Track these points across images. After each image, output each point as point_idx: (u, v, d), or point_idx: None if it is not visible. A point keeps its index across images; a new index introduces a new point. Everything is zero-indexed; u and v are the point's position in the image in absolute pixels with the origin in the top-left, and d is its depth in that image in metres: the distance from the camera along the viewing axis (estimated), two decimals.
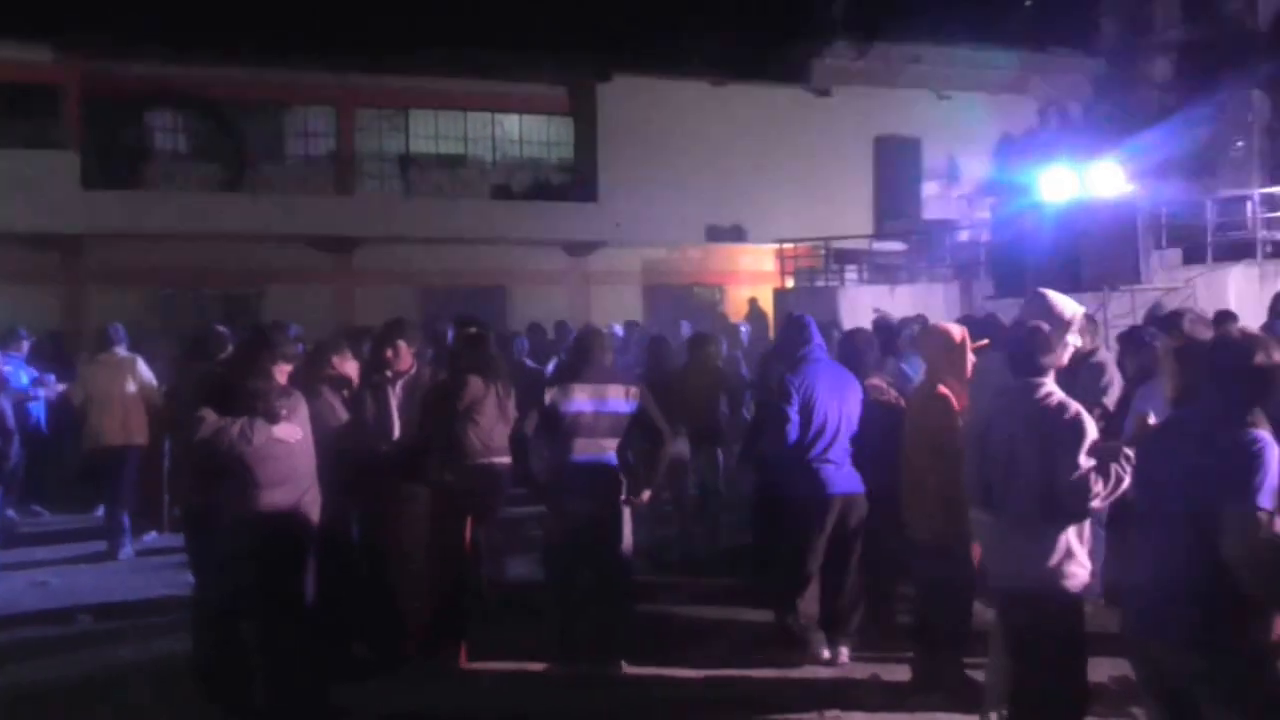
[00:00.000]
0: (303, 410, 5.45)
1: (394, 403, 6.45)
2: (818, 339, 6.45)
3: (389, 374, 6.52)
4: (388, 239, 20.60)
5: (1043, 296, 5.26)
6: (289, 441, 5.28)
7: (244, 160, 20.90)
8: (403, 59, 20.47)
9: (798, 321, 6.63)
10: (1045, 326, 4.59)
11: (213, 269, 19.79)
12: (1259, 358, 3.50)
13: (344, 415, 6.09)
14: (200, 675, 5.58)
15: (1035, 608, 4.30)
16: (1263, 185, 14.38)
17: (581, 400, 6.09)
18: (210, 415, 5.22)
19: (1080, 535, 4.33)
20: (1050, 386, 4.43)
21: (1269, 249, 13.46)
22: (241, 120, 21.00)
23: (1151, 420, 4.01)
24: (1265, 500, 3.30)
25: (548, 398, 6.10)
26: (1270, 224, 13.76)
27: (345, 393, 6.24)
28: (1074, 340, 5.17)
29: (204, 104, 20.63)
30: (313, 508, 5.40)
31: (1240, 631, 3.38)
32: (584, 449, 6.09)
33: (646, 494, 6.40)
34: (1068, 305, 5.16)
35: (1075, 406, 4.35)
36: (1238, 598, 3.33)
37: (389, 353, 6.55)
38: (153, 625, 7.09)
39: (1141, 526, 3.71)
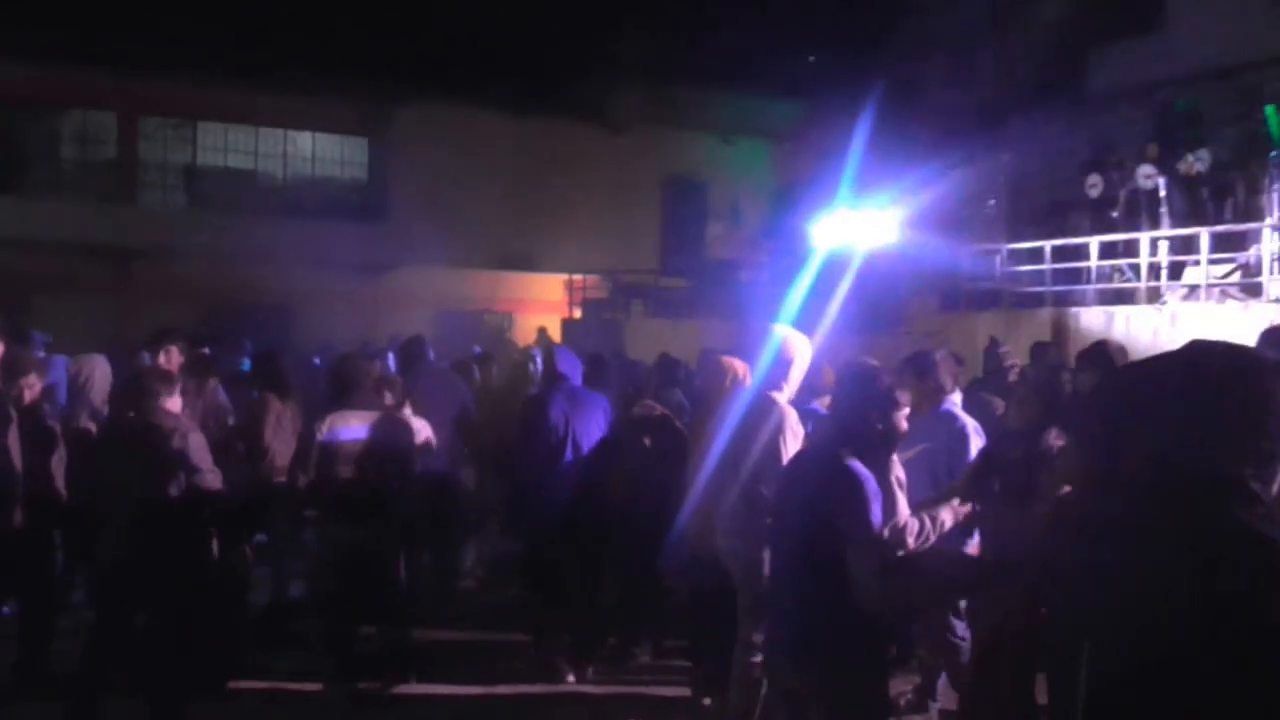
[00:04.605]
0: None
1: None
2: (564, 368, 6.76)
3: None
4: (170, 252, 19.99)
5: (714, 356, 5.81)
6: None
7: (15, 162, 19.91)
8: (193, 68, 19.96)
9: (546, 353, 7.25)
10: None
11: None
12: (875, 386, 3.77)
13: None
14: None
15: None
16: (1009, 241, 15.72)
17: (352, 427, 6.01)
18: None
19: None
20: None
21: (1013, 298, 14.77)
22: (13, 120, 20.02)
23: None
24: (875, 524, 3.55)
25: (319, 427, 6.00)
26: (1014, 276, 15.10)
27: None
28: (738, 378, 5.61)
29: None
30: None
31: (847, 648, 3.56)
32: (356, 473, 5.99)
33: None
34: (736, 365, 5.65)
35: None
36: (845, 616, 3.50)
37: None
38: None
39: (773, 548, 3.96)
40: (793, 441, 5.16)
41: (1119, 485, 1.94)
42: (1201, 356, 1.95)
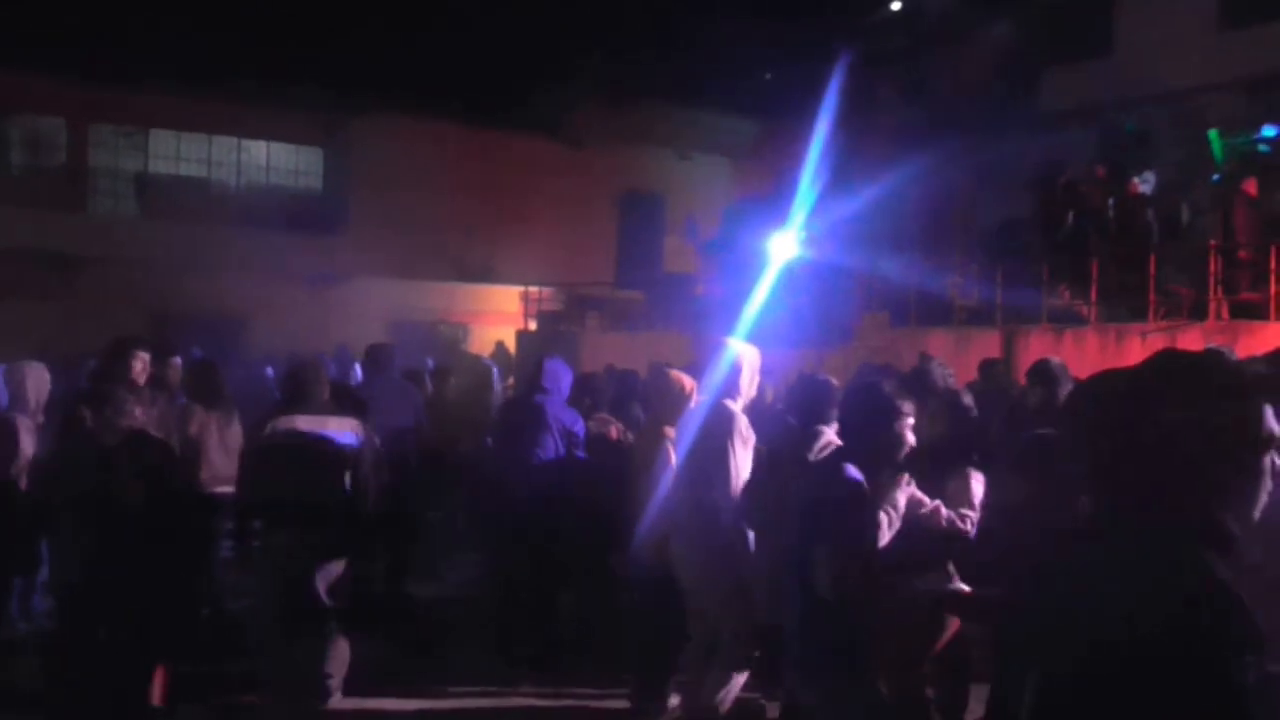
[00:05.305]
0: None
1: None
2: (546, 381, 6.69)
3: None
4: (120, 261, 19.73)
5: (662, 370, 5.96)
6: None
7: None
8: (146, 74, 19.71)
9: (535, 363, 7.11)
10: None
11: None
12: (879, 396, 3.83)
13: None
14: None
15: None
16: (960, 258, 15.89)
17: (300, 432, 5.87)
18: None
19: None
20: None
21: (963, 315, 14.93)
22: None
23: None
24: (852, 537, 3.57)
25: (266, 430, 5.87)
26: (965, 293, 15.26)
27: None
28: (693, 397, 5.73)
29: None
30: None
31: (844, 666, 3.58)
32: (296, 480, 5.81)
33: None
34: (684, 380, 5.77)
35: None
36: (837, 632, 3.53)
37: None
38: None
39: (776, 561, 4.09)
40: (741, 447, 5.23)
41: (1092, 516, 1.84)
42: (1182, 380, 1.79)
